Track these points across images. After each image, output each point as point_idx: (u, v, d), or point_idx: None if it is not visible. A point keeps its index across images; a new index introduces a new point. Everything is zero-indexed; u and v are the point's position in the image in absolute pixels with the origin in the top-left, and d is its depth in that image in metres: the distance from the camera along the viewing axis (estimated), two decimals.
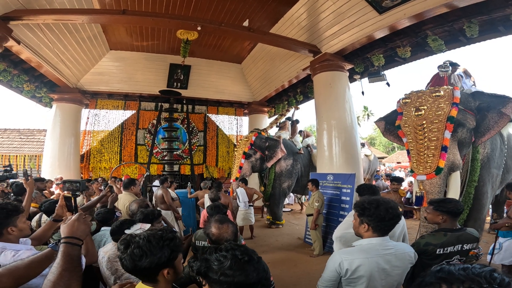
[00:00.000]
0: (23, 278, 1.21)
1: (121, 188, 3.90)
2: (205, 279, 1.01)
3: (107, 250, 2.08)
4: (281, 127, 8.80)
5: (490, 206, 5.32)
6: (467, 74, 5.13)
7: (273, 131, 9.03)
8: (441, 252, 1.92)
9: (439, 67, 4.74)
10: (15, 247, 1.56)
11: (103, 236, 2.52)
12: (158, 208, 5.16)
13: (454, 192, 3.70)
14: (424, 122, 3.65)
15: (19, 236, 1.68)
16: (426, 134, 3.60)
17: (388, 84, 6.61)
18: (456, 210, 2.03)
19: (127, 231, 2.05)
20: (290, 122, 8.90)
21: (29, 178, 2.85)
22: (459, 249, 1.96)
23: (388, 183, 10.80)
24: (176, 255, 1.19)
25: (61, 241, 1.18)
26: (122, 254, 1.16)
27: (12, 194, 3.94)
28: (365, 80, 6.93)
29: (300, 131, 9.92)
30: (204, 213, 5.23)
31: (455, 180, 3.72)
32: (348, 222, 2.62)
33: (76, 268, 1.13)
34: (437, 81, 4.70)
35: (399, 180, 5.00)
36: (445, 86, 3.84)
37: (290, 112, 9.55)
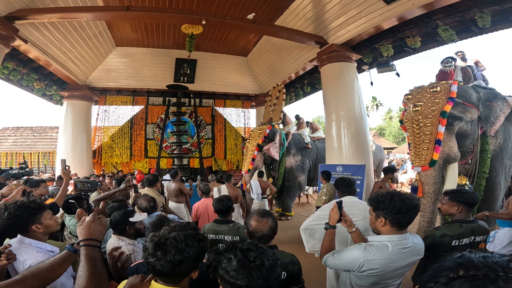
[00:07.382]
0: (47, 280, 1.23)
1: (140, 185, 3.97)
2: (216, 273, 1.01)
3: (109, 244, 2.08)
4: (284, 121, 8.73)
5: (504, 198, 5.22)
6: (478, 65, 5.04)
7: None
8: (457, 243, 1.89)
9: (441, 62, 4.82)
10: (40, 245, 1.61)
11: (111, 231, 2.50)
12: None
13: (451, 183, 3.78)
14: (420, 117, 3.77)
15: (46, 233, 1.71)
16: (422, 129, 3.74)
17: (398, 74, 6.48)
18: (473, 200, 2.00)
19: (131, 219, 2.08)
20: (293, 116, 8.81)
21: (66, 167, 2.86)
22: (472, 241, 1.94)
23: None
24: None
25: (80, 243, 1.21)
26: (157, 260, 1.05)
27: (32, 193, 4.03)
28: (374, 70, 6.80)
29: (307, 122, 9.86)
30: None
31: (452, 171, 3.84)
32: (316, 215, 2.63)
33: (102, 270, 1.15)
34: (441, 75, 4.77)
35: (389, 171, 5.18)
36: (443, 82, 3.91)
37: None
